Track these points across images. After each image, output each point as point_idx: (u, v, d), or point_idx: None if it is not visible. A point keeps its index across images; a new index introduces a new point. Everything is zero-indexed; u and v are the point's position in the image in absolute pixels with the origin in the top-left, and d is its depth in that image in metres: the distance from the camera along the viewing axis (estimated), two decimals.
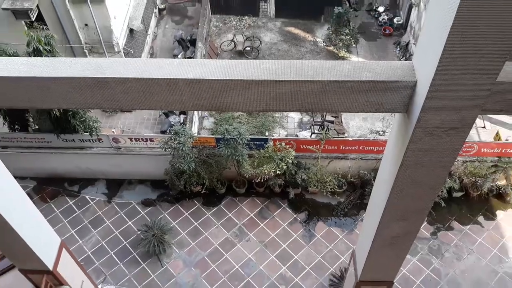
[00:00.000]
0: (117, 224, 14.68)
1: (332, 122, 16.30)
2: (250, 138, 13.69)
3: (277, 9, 21.41)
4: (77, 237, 14.36)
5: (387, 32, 20.40)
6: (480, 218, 14.75)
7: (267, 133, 16.31)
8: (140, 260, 13.88)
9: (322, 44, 20.05)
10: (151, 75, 3.42)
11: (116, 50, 16.58)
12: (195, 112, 16.01)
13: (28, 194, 9.50)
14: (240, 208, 15.05)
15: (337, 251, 14.06)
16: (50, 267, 7.09)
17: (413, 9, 19.62)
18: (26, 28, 14.97)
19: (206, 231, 14.52)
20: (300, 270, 13.70)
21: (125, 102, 3.60)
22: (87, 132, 13.92)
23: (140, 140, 14.51)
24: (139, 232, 14.23)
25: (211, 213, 14.93)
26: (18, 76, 3.46)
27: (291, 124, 17.00)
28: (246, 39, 19.86)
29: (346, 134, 16.11)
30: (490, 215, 14.80)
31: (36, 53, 12.01)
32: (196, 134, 14.59)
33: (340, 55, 19.29)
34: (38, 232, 6.59)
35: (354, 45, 19.83)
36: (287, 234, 14.43)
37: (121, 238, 14.37)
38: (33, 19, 14.60)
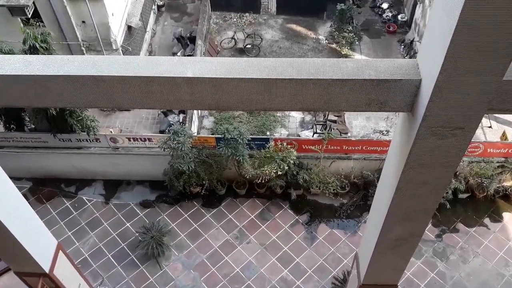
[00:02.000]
0: (115, 226, 14.68)
1: (334, 121, 16.29)
2: (250, 137, 13.69)
3: (278, 5, 21.42)
4: (74, 239, 14.37)
5: (391, 29, 20.39)
6: (486, 220, 14.73)
7: (268, 133, 16.30)
8: (138, 263, 13.88)
9: (324, 42, 20.04)
10: (149, 73, 3.43)
11: (114, 48, 16.58)
12: (195, 111, 16.01)
13: (24, 195, 9.52)
14: (240, 210, 15.05)
15: (339, 254, 14.05)
16: (46, 270, 7.09)
17: (417, 6, 19.61)
18: (22, 25, 14.99)
19: (205, 233, 14.53)
20: (301, 273, 13.70)
21: (123, 100, 3.60)
22: (84, 131, 13.93)
23: (139, 139, 14.52)
24: (137, 234, 14.24)
25: (211, 215, 14.94)
26: (14, 74, 3.46)
27: (292, 124, 17.00)
28: (247, 37, 19.87)
29: (349, 134, 16.10)
30: (497, 217, 14.79)
31: (32, 50, 12.01)
32: (195, 134, 14.59)
33: (343, 52, 19.28)
34: (34, 234, 6.59)
35: (357, 42, 19.82)
36: (289, 236, 14.43)
37: (119, 240, 14.37)
38: (29, 16, 14.61)
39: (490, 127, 16.29)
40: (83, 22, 15.76)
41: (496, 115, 16.51)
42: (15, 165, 14.96)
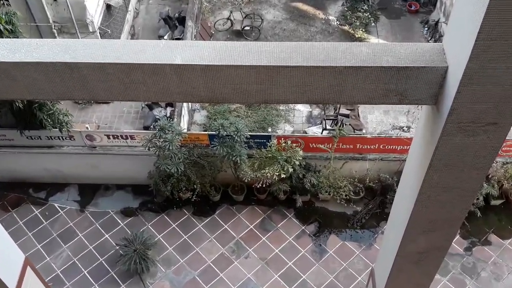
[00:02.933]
0: (92, 238, 14.69)
1: (347, 116, 16.29)
2: (249, 135, 13.70)
3: None
4: (44, 253, 14.37)
5: (412, 8, 20.37)
6: None
7: (270, 129, 16.30)
8: (119, 281, 13.89)
9: (335, 23, 20.03)
10: (132, 60, 3.43)
11: (91, 30, 16.56)
12: (185, 104, 16.01)
13: None
14: (237, 219, 15.05)
15: (352, 270, 14.07)
16: None
17: None
18: None
19: (197, 246, 14.54)
20: None
21: (101, 92, 3.61)
22: (56, 127, 13.92)
23: (119, 137, 14.51)
24: (117, 247, 14.25)
25: (203, 225, 14.94)
26: None
27: (298, 119, 17.01)
28: (245, 17, 19.86)
29: (363, 131, 16.11)
30: None
31: None
32: (185, 130, 14.59)
33: (356, 36, 19.28)
34: None
35: (373, 24, 19.82)
36: (294, 250, 14.44)
37: (96, 254, 14.38)
38: None
39: None
40: (55, 0, 15.73)
41: None
42: None
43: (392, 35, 19.62)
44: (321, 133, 15.61)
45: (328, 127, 15.94)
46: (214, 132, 13.61)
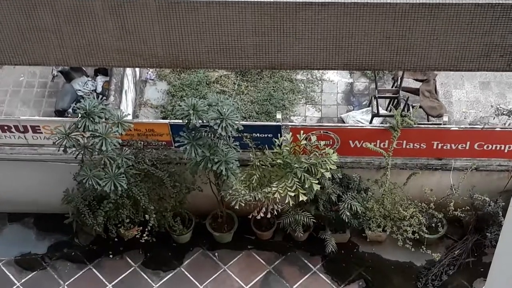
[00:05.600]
0: None
1: (416, 92, 16.30)
2: (242, 125, 13.67)
3: None
4: None
5: None
6: None
7: (279, 116, 16.31)
8: None
9: None
10: None
11: None
12: (128, 72, 16.02)
13: None
14: (222, 274, 15.08)
15: None
16: None
17: None
18: None
19: None
20: None
21: None
22: None
23: (12, 129, 14.52)
24: None
25: (163, 284, 14.97)
26: None
27: (330, 97, 17.01)
28: None
29: (445, 118, 16.12)
30: None
31: None
32: (130, 117, 14.58)
33: None
34: None
35: None
36: None
37: None
38: None
39: None
40: None
41: None
42: None
43: None
44: (370, 123, 15.64)
45: (382, 111, 15.97)
46: (180, 121, 13.60)
